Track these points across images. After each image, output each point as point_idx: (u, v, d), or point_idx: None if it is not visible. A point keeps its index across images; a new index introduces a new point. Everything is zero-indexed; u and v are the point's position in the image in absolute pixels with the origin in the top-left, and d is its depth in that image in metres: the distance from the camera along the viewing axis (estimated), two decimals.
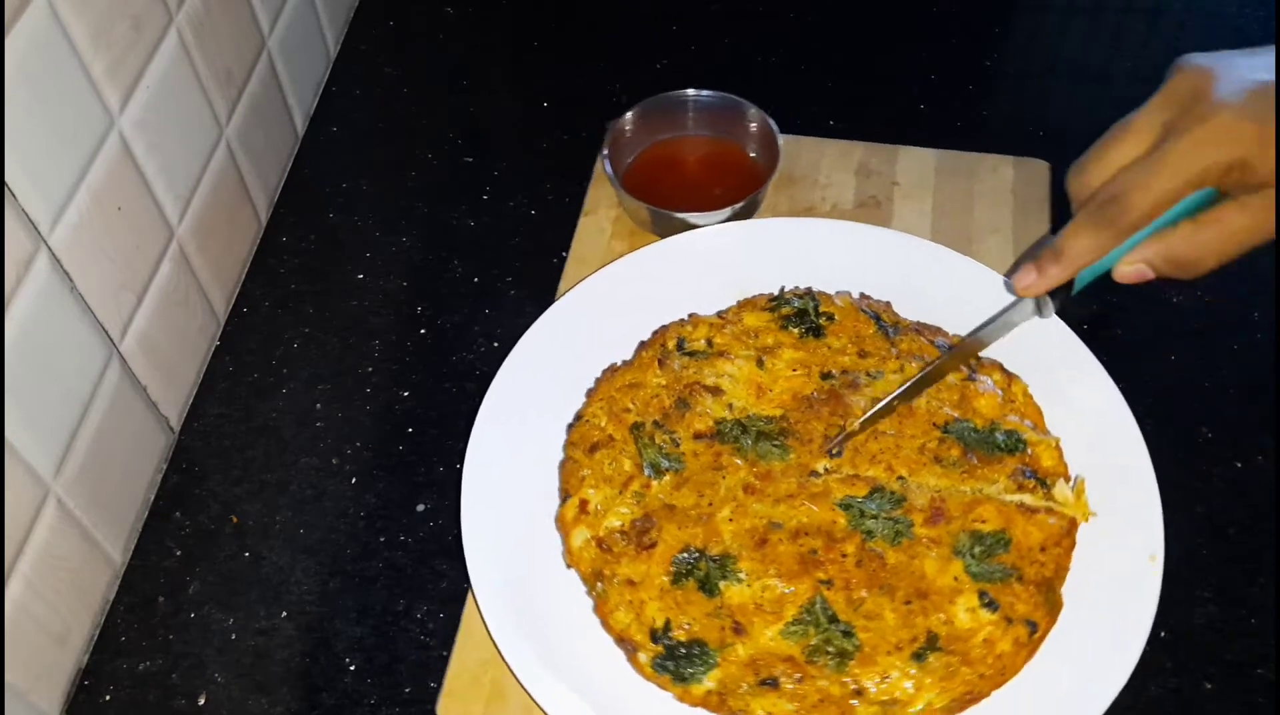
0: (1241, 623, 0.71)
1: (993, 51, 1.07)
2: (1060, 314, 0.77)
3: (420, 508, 0.78)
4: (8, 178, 0.62)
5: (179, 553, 0.76)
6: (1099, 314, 0.85)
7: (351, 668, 0.71)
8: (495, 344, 0.86)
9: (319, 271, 0.92)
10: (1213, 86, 0.59)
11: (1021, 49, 1.08)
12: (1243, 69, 0.59)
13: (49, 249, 0.66)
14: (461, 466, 0.79)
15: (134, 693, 0.71)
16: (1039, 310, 0.69)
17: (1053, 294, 0.67)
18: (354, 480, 0.80)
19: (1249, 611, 0.71)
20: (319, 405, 0.83)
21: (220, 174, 0.87)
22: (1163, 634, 0.66)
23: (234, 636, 0.73)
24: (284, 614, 0.74)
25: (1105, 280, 0.66)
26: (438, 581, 0.75)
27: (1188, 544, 0.71)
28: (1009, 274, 0.69)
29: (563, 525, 0.69)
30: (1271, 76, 0.58)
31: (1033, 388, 0.74)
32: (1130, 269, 0.64)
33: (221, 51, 0.85)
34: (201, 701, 0.70)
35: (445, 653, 0.71)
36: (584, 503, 0.69)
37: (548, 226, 0.93)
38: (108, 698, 0.71)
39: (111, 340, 0.74)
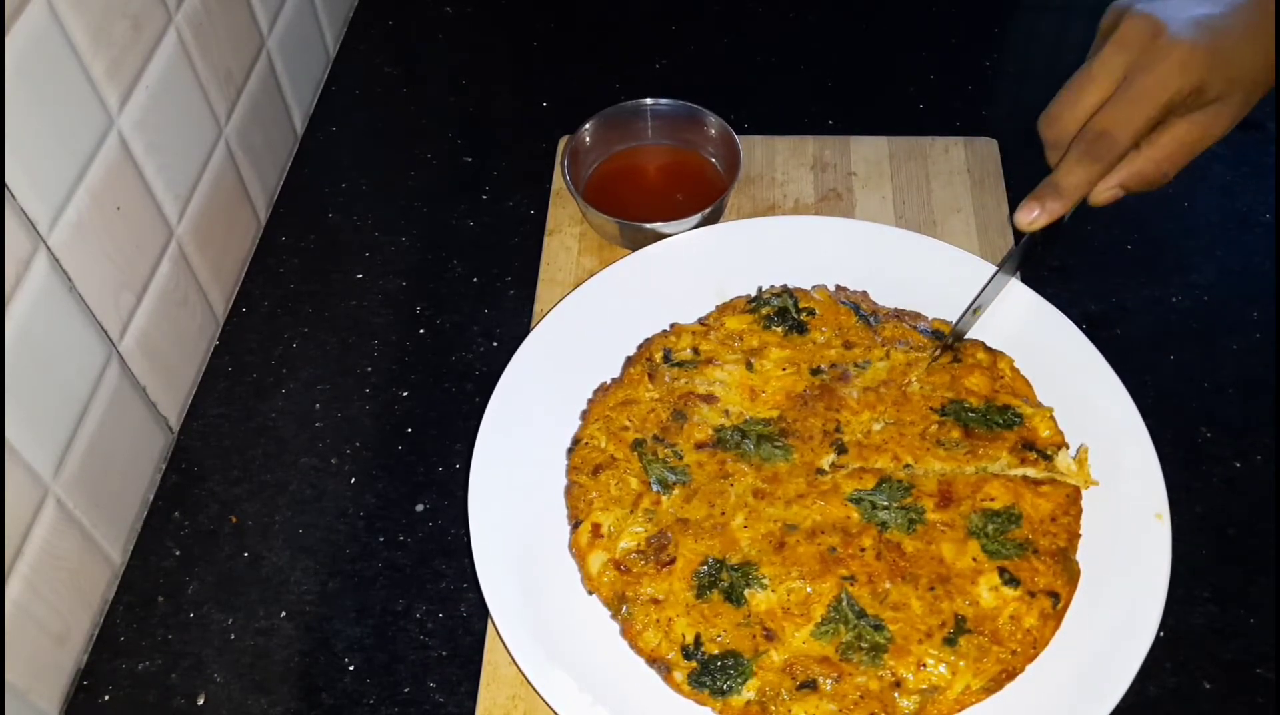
0: (1241, 623, 0.71)
1: (993, 51, 1.07)
2: (1064, 310, 0.78)
3: (420, 508, 0.78)
4: (7, 178, 0.62)
5: (178, 553, 0.76)
6: (1099, 314, 0.85)
7: (351, 668, 0.71)
8: (494, 344, 0.86)
9: (318, 271, 0.92)
10: (1165, 27, 0.68)
11: (1021, 49, 1.08)
12: (1180, 8, 0.69)
13: (48, 249, 0.66)
14: (461, 466, 0.79)
15: (133, 692, 0.71)
16: (1037, 237, 0.75)
17: (1045, 239, 0.75)
18: (353, 480, 0.80)
19: (1249, 611, 0.71)
20: (318, 405, 0.83)
21: (219, 174, 0.87)
22: (1162, 634, 0.66)
23: (233, 636, 0.73)
24: (283, 614, 0.73)
25: (1082, 208, 0.74)
26: (437, 581, 0.75)
27: (1188, 544, 0.71)
28: (1013, 212, 0.75)
29: (578, 551, 0.69)
30: (1206, 10, 0.69)
31: (1017, 363, 0.75)
32: (1108, 193, 0.72)
33: (221, 51, 0.85)
34: (201, 701, 0.70)
35: (444, 652, 0.71)
36: (596, 527, 0.68)
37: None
38: (107, 697, 0.71)
39: (111, 340, 0.74)
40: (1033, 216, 0.72)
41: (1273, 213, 0.92)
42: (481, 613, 0.72)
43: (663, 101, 0.91)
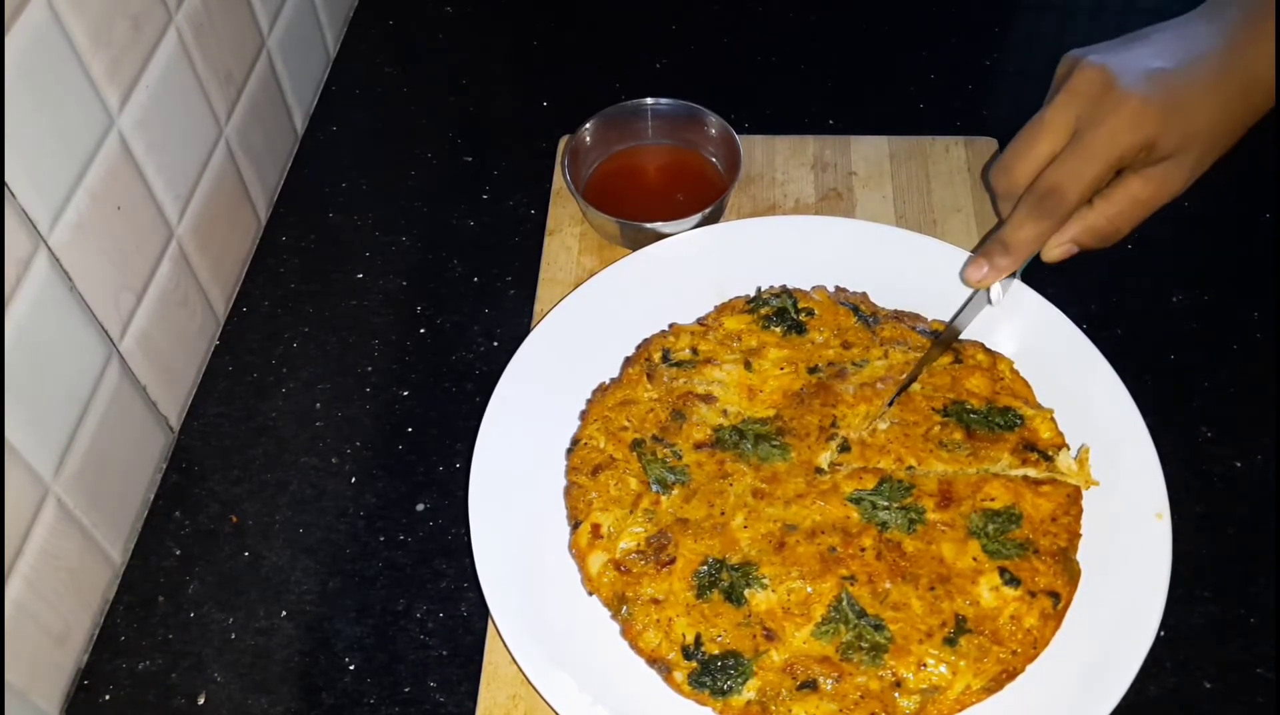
0: (1241, 623, 0.71)
1: (993, 51, 1.07)
2: (1064, 309, 0.78)
3: (420, 507, 0.78)
4: (8, 178, 0.62)
5: (179, 552, 0.76)
6: (1099, 314, 0.85)
7: (351, 667, 0.71)
8: (495, 343, 0.86)
9: (319, 271, 0.92)
10: (1115, 79, 0.66)
11: (1021, 49, 1.08)
12: (1135, 60, 0.67)
13: (48, 249, 0.66)
14: (461, 466, 0.79)
15: (133, 692, 0.71)
16: (990, 298, 0.75)
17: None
18: (354, 480, 0.80)
19: (1249, 611, 0.71)
20: (319, 405, 0.83)
21: (220, 174, 0.87)
22: (1163, 634, 0.66)
23: (233, 636, 0.73)
24: (284, 614, 0.74)
25: (1034, 262, 0.73)
26: (437, 581, 0.75)
27: (1188, 543, 0.71)
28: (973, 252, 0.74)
29: (578, 552, 0.69)
30: (1161, 63, 0.67)
31: (1017, 364, 0.75)
32: (1059, 250, 0.72)
33: (221, 51, 0.85)
34: (201, 701, 0.70)
35: (445, 652, 0.71)
36: (596, 527, 0.68)
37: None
38: (107, 697, 0.71)
39: (111, 340, 0.74)
40: (981, 273, 0.72)
41: (1273, 213, 0.92)
42: (481, 612, 0.72)
43: (663, 101, 0.91)
